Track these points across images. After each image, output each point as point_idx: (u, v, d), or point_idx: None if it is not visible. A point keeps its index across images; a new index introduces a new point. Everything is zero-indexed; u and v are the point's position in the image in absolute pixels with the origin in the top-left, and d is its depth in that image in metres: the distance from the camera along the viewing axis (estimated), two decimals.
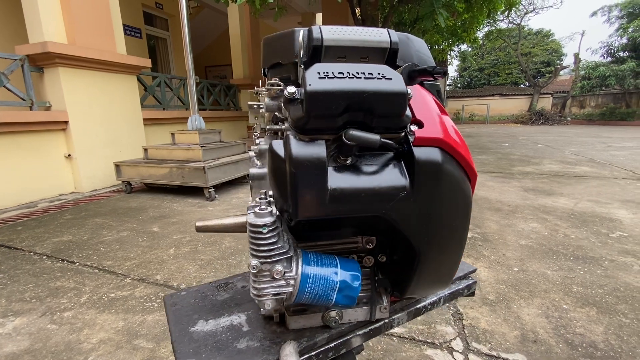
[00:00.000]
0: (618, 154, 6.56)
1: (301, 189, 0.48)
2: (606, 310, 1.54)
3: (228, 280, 0.84)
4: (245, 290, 0.80)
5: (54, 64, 3.81)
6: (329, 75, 0.48)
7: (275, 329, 0.67)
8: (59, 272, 1.99)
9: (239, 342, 0.63)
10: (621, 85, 17.29)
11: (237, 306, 0.75)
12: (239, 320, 0.70)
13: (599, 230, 2.51)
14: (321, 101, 0.47)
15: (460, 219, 0.57)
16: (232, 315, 0.72)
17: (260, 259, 0.54)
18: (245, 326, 0.68)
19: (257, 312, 0.72)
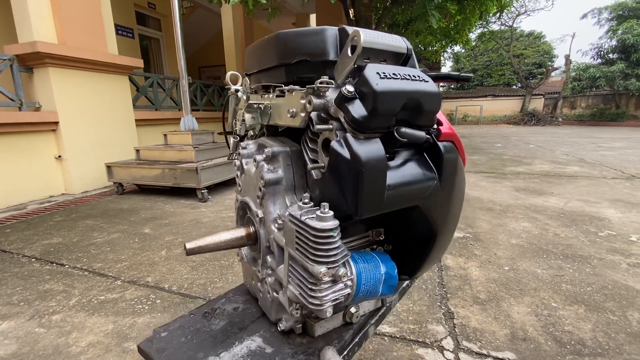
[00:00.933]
0: (608, 154, 6.67)
1: (367, 186, 0.49)
2: (594, 307, 1.56)
3: (211, 307, 0.75)
4: (240, 312, 0.73)
5: (43, 64, 3.76)
6: (388, 76, 0.50)
7: (300, 340, 0.65)
8: (48, 275, 1.96)
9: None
10: (611, 86, 17.57)
11: (243, 330, 0.68)
12: (256, 344, 0.63)
13: (588, 229, 2.55)
14: (386, 99, 0.49)
15: (461, 201, 0.68)
16: (243, 341, 0.64)
17: (328, 264, 0.51)
18: (268, 347, 0.63)
19: (268, 331, 0.67)
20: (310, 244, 0.51)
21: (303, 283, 0.54)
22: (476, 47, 24.96)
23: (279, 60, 0.61)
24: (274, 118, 0.67)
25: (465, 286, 1.76)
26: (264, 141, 0.69)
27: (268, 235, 0.65)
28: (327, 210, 0.51)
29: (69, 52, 3.84)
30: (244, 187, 0.74)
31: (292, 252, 0.56)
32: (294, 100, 0.58)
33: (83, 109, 4.16)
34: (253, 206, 0.68)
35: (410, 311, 1.55)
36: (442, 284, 1.79)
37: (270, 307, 0.69)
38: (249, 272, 0.78)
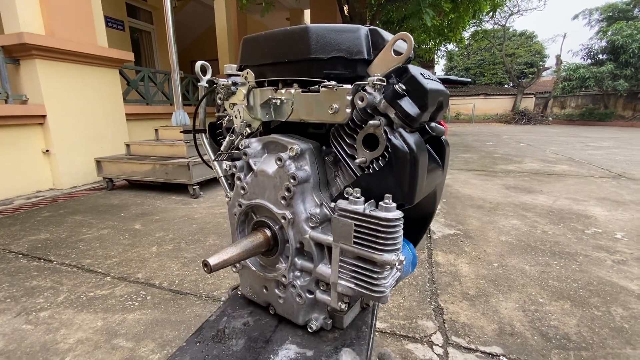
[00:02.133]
0: (595, 153, 6.80)
1: (420, 174, 0.55)
2: (579, 303, 1.60)
3: (215, 328, 0.69)
4: (254, 325, 0.69)
5: (30, 56, 3.67)
6: (425, 77, 0.57)
7: (333, 335, 0.66)
8: (35, 271, 1.93)
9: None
10: (600, 86, 17.89)
11: (270, 343, 0.64)
12: (293, 351, 0.61)
13: (575, 227, 2.60)
14: (432, 98, 0.55)
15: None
16: (278, 352, 0.61)
17: (395, 252, 0.54)
18: (307, 351, 0.61)
19: (297, 335, 0.66)
20: (379, 234, 0.53)
21: (363, 274, 0.57)
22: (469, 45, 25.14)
23: (311, 54, 0.59)
24: (298, 114, 0.63)
25: (455, 282, 1.79)
26: (277, 139, 0.65)
27: (301, 236, 0.63)
28: (390, 202, 0.54)
29: (56, 44, 3.76)
30: (252, 190, 0.68)
31: (346, 247, 0.57)
32: (335, 96, 0.58)
33: (72, 103, 4.08)
34: (274, 208, 0.64)
35: (401, 307, 1.57)
36: (433, 280, 1.81)
37: (298, 310, 0.67)
38: (256, 282, 0.73)
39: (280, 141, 0.65)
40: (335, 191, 0.67)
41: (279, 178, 0.63)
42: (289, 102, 0.63)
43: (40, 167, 3.95)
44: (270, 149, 0.68)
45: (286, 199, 0.62)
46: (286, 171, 0.61)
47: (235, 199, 0.71)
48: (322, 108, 0.60)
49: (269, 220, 0.67)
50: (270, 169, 0.64)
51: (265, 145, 0.68)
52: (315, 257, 0.63)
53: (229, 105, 0.70)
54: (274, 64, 0.65)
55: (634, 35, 16.12)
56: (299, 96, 0.62)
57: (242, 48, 0.69)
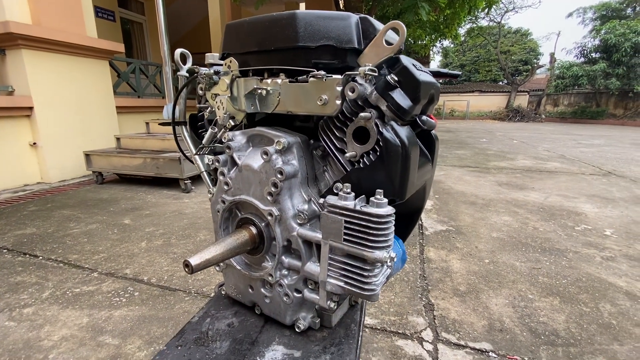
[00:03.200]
0: (587, 150, 6.87)
1: (411, 169, 0.54)
2: (568, 299, 1.61)
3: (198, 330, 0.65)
4: (239, 326, 0.67)
5: (16, 46, 3.57)
6: (418, 68, 0.54)
7: (321, 334, 0.64)
8: (20, 267, 1.89)
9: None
10: (592, 85, 18.06)
11: (256, 344, 0.62)
12: (281, 353, 0.59)
13: (566, 224, 2.62)
14: (424, 90, 0.53)
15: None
16: (265, 354, 0.59)
17: (387, 249, 0.52)
18: (295, 352, 0.60)
19: (284, 335, 0.64)
20: (371, 231, 0.51)
21: (353, 272, 0.55)
22: (465, 42, 25.16)
23: (299, 42, 0.56)
24: (285, 105, 0.59)
25: (446, 278, 1.79)
26: (263, 131, 0.61)
27: (288, 234, 0.61)
28: (382, 197, 0.52)
29: (43, 34, 3.65)
30: (236, 185, 0.64)
31: (336, 245, 0.55)
32: (325, 87, 0.55)
33: (60, 94, 3.98)
34: (260, 204, 0.61)
35: (392, 303, 1.56)
36: (424, 276, 1.81)
37: (285, 310, 0.65)
38: (241, 281, 0.70)
39: (266, 134, 0.61)
40: (324, 186, 0.64)
41: (265, 173, 0.60)
42: (275, 93, 0.59)
43: (28, 160, 3.86)
44: (256, 142, 0.65)
45: (273, 194, 0.59)
46: (272, 166, 0.58)
47: (219, 195, 0.68)
48: (311, 99, 0.57)
49: (254, 217, 0.64)
50: (256, 164, 0.61)
51: (250, 139, 0.65)
52: (303, 255, 0.61)
53: (210, 96, 0.66)
54: (259, 52, 0.60)
55: (627, 35, 16.27)
56: (286, 86, 0.59)
57: (225, 35, 0.64)
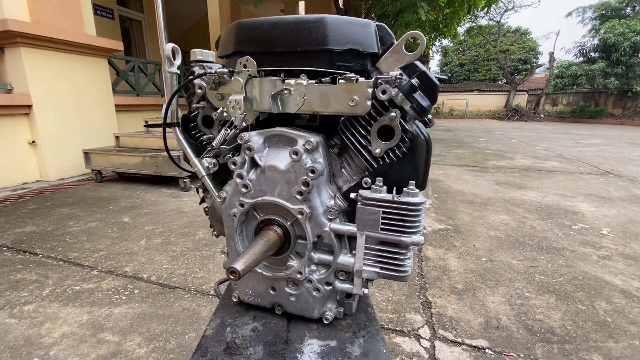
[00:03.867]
0: (585, 150, 6.90)
1: (431, 161, 0.61)
2: (564, 297, 1.63)
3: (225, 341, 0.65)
4: (265, 329, 0.67)
5: (15, 44, 3.56)
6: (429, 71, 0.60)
7: (347, 322, 0.69)
8: (20, 265, 1.90)
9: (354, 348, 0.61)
10: (591, 84, 18.09)
11: (289, 343, 0.63)
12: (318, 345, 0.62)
13: (563, 223, 2.64)
14: (437, 91, 0.59)
15: None
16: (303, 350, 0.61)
17: (419, 233, 0.59)
18: (331, 342, 0.63)
19: (312, 330, 0.66)
20: (408, 218, 0.58)
21: (389, 257, 0.61)
22: (464, 41, 25.16)
23: (327, 45, 0.59)
24: (311, 105, 0.61)
25: (443, 276, 1.80)
26: (284, 131, 0.62)
27: (319, 230, 0.63)
28: (414, 188, 0.58)
29: (42, 32, 3.65)
30: (257, 187, 0.64)
31: (372, 234, 0.61)
32: (356, 88, 0.58)
33: (59, 93, 3.98)
34: (288, 204, 0.62)
35: (390, 301, 1.58)
36: (422, 274, 1.83)
37: (314, 304, 0.67)
38: (261, 284, 0.70)
39: (288, 134, 0.61)
40: (342, 182, 0.66)
41: (294, 172, 0.61)
42: (299, 94, 0.60)
43: (27, 158, 3.86)
44: (273, 143, 0.64)
45: (303, 193, 0.60)
46: (303, 165, 0.60)
47: (235, 199, 0.65)
48: (340, 100, 0.59)
49: (278, 217, 0.64)
50: (282, 164, 0.61)
51: (266, 140, 0.64)
52: (336, 248, 0.64)
53: (215, 96, 0.65)
54: (280, 53, 0.61)
55: (626, 34, 16.29)
56: (312, 87, 0.60)
57: (237, 33, 0.63)
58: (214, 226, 0.78)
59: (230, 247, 0.69)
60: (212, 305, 1.52)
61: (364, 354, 0.61)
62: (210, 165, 0.68)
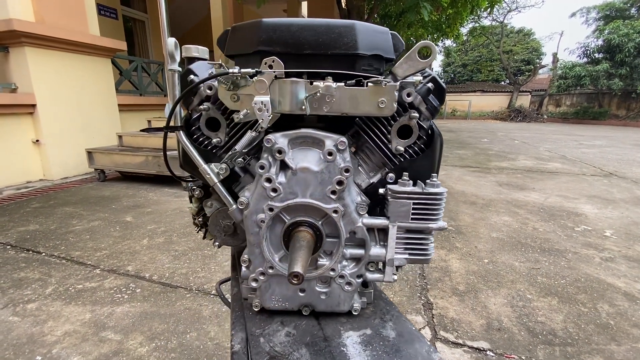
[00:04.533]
0: (588, 151, 6.86)
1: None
2: (567, 299, 1.62)
3: (265, 351, 0.64)
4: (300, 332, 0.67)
5: (20, 43, 3.58)
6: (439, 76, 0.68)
7: (372, 309, 0.75)
8: (23, 263, 1.91)
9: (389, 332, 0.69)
10: (595, 85, 18.01)
11: (328, 339, 0.65)
12: (357, 336, 0.66)
13: (566, 224, 2.63)
14: (445, 94, 0.67)
15: None
16: (345, 342, 0.64)
17: (441, 219, 0.67)
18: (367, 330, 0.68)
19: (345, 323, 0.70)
20: (435, 207, 0.65)
21: (416, 244, 0.68)
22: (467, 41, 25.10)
23: (358, 50, 0.63)
24: (340, 107, 0.63)
25: (445, 278, 1.80)
26: (310, 133, 0.64)
27: (353, 226, 0.66)
28: (437, 180, 0.65)
29: (47, 32, 3.67)
30: (288, 190, 0.64)
31: (403, 224, 0.67)
32: (383, 91, 0.62)
33: (62, 92, 4.00)
34: (322, 204, 0.64)
35: None
36: (423, 276, 1.82)
37: (345, 299, 0.71)
38: (288, 288, 0.71)
39: (315, 135, 0.63)
40: (360, 180, 0.70)
41: (328, 173, 0.63)
42: (327, 96, 0.62)
43: (30, 157, 3.88)
44: (297, 144, 0.65)
45: (337, 192, 0.63)
46: (338, 165, 0.62)
47: (261, 204, 0.64)
48: (369, 102, 0.63)
49: (309, 218, 0.66)
50: (316, 165, 0.63)
51: (291, 141, 0.64)
52: (368, 242, 0.68)
53: (231, 97, 0.63)
54: (308, 55, 0.63)
55: (630, 35, 16.20)
56: (342, 90, 0.62)
57: (261, 32, 0.63)
58: (216, 236, 0.77)
59: (254, 255, 0.67)
60: (214, 304, 1.53)
61: (399, 334, 0.66)
62: (220, 171, 0.67)
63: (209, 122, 0.69)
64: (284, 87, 0.62)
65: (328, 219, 0.66)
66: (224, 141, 0.69)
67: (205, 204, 0.75)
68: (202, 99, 0.67)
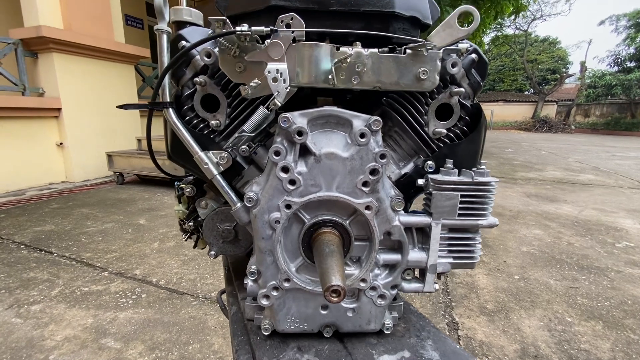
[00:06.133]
0: (623, 163, 6.44)
1: None
2: (613, 324, 1.43)
3: None
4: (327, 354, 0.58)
5: (48, 49, 3.72)
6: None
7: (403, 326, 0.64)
8: (34, 263, 1.89)
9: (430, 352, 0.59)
10: (627, 95, 17.15)
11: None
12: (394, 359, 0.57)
13: (605, 240, 2.40)
14: (487, 70, 0.59)
15: None
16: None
17: (489, 215, 0.57)
18: (404, 353, 0.58)
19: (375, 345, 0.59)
20: (485, 199, 0.55)
21: (461, 245, 0.58)
22: (489, 50, 24.62)
23: (395, 9, 0.51)
24: (372, 79, 0.51)
25: (471, 295, 1.64)
26: (335, 111, 0.51)
27: (388, 225, 0.54)
28: (484, 167, 0.55)
29: (74, 38, 3.79)
30: (310, 181, 0.52)
31: (449, 222, 0.56)
32: (424, 60, 0.51)
33: (86, 96, 4.11)
34: (351, 198, 0.51)
35: None
36: (447, 291, 1.67)
37: (375, 315, 0.59)
38: (309, 305, 0.58)
39: (340, 114, 0.50)
40: (389, 172, 0.58)
41: (360, 159, 0.50)
42: (357, 64, 0.50)
43: (54, 159, 3.98)
44: (317, 125, 0.52)
45: (369, 183, 0.51)
46: (371, 149, 0.50)
47: (276, 200, 0.52)
48: (408, 73, 0.51)
49: (334, 216, 0.53)
50: (345, 150, 0.50)
51: (311, 122, 0.51)
52: (406, 245, 0.56)
53: (236, 66, 0.50)
54: (334, 13, 0.51)
55: None
56: (375, 57, 0.50)
57: None
58: (212, 244, 0.63)
59: (264, 265, 0.54)
60: (220, 314, 1.44)
61: (443, 355, 0.56)
62: (221, 160, 0.53)
63: (205, 100, 0.55)
64: (305, 53, 0.49)
65: (357, 218, 0.53)
66: (223, 124, 0.55)
67: (199, 204, 0.62)
68: (197, 70, 0.54)
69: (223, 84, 0.54)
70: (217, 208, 0.61)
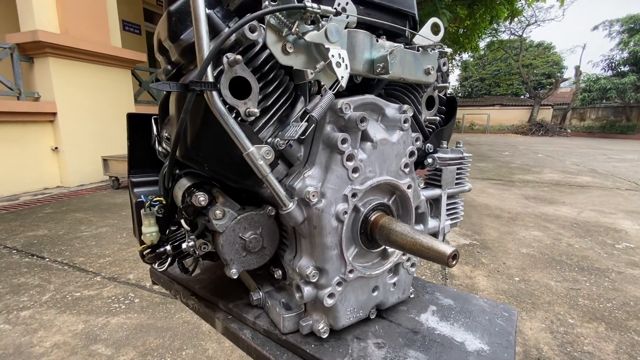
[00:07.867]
0: (619, 165, 6.46)
1: None
2: (616, 326, 1.40)
3: None
4: (385, 345, 0.55)
5: (44, 54, 3.70)
6: None
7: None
8: (25, 268, 1.85)
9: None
10: (622, 98, 17.29)
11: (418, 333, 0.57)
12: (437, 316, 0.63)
13: (604, 241, 2.38)
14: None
15: None
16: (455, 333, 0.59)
17: (467, 182, 0.76)
18: (451, 302, 0.68)
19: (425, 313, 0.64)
20: (467, 168, 0.73)
21: (454, 209, 0.74)
22: (485, 55, 24.85)
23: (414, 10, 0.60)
24: (399, 71, 0.55)
25: None
26: (374, 100, 0.52)
27: (418, 200, 0.61)
28: (462, 146, 0.72)
29: (70, 43, 3.78)
30: (369, 168, 0.52)
31: (450, 191, 0.71)
32: (430, 58, 0.59)
33: (82, 101, 4.08)
34: (397, 180, 0.55)
35: None
36: None
37: (409, 283, 0.66)
38: (363, 291, 0.56)
39: (377, 102, 0.54)
40: None
41: (403, 143, 0.56)
42: (388, 57, 0.53)
43: (49, 164, 3.94)
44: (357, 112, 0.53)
45: (409, 165, 0.57)
46: (410, 134, 0.57)
47: (342, 191, 0.49)
48: (419, 68, 0.59)
49: (378, 199, 0.56)
50: (394, 135, 0.54)
51: (356, 109, 0.51)
52: (427, 215, 0.65)
53: (283, 48, 0.44)
54: (374, 5, 0.56)
55: None
56: (402, 52, 0.55)
57: None
58: (232, 260, 0.53)
59: (330, 262, 0.50)
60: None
61: (454, 299, 0.69)
62: (266, 155, 0.46)
63: (233, 84, 0.46)
64: (357, 40, 0.50)
65: (396, 198, 0.58)
66: (255, 113, 0.47)
67: (213, 214, 0.49)
68: (225, 49, 0.45)
69: (255, 67, 0.47)
70: (238, 216, 0.51)
